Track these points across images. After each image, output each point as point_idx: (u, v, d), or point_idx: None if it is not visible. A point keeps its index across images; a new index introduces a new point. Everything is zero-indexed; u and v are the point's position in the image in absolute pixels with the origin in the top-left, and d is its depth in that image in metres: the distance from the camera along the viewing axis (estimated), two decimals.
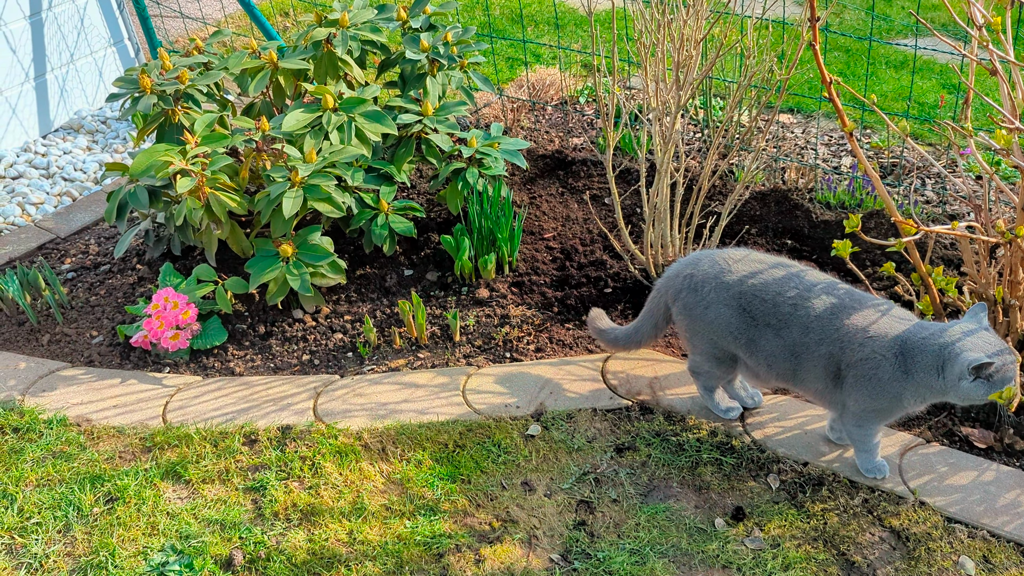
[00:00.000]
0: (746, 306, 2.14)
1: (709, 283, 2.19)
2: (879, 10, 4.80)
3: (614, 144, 2.80)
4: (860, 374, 2.00)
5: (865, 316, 2.02)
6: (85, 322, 2.97)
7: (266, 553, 2.09)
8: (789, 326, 2.08)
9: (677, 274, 2.28)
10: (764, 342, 2.13)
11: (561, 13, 5.07)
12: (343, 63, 3.03)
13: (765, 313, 2.11)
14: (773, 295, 2.11)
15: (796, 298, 2.08)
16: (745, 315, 2.14)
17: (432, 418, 2.44)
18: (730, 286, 2.16)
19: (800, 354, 2.08)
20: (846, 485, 2.17)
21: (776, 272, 2.15)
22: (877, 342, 1.98)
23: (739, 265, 2.19)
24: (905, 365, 1.95)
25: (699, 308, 2.20)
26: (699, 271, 2.22)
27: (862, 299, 2.06)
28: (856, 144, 2.26)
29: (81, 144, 4.04)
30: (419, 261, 3.09)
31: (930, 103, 3.85)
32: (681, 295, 2.24)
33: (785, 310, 2.09)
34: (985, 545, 2.01)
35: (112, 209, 2.88)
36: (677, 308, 2.26)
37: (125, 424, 2.51)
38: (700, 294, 2.20)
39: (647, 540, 2.07)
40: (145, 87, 2.90)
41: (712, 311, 2.18)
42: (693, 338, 2.27)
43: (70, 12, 4.15)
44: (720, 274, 2.19)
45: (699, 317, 2.21)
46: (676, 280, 2.27)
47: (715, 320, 2.18)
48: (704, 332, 2.22)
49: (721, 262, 2.21)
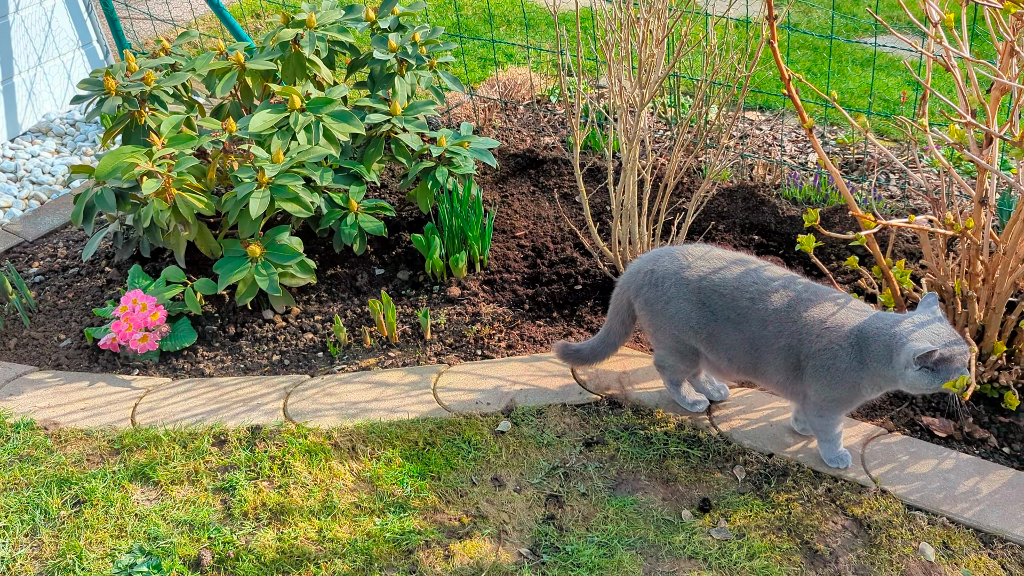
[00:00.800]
0: (705, 301, 2.17)
1: (669, 279, 2.22)
2: (846, 9, 4.86)
3: (582, 143, 2.82)
4: (818, 364, 2.04)
5: (822, 308, 2.05)
6: (53, 325, 2.95)
7: (235, 553, 2.09)
8: (748, 320, 2.12)
9: (638, 270, 2.30)
10: (724, 336, 2.16)
11: (532, 13, 5.09)
12: (311, 64, 3.03)
13: (724, 307, 2.14)
14: (731, 290, 2.14)
15: (754, 292, 2.11)
16: (705, 310, 2.17)
17: (402, 416, 2.45)
18: (690, 281, 2.20)
19: (759, 347, 2.11)
20: (810, 475, 2.20)
21: (734, 267, 2.18)
22: (834, 333, 2.02)
23: (698, 261, 2.22)
24: (860, 355, 1.99)
25: (660, 303, 2.23)
26: (659, 267, 2.25)
27: (819, 292, 2.10)
28: (816, 140, 2.29)
29: (49, 147, 4.01)
30: (390, 260, 3.10)
31: (894, 100, 3.91)
32: (643, 291, 2.27)
33: (743, 304, 2.12)
34: (945, 532, 2.05)
35: (79, 211, 2.86)
36: (639, 304, 2.29)
37: (93, 427, 2.50)
38: (661, 289, 2.23)
39: (615, 533, 2.10)
40: (110, 89, 2.88)
41: (672, 306, 2.21)
42: (656, 333, 2.30)
43: (37, 15, 4.12)
44: (680, 270, 2.22)
45: (660, 312, 2.24)
46: (637, 276, 2.29)
47: (676, 315, 2.21)
48: (666, 327, 2.25)
49: (681, 258, 2.24)
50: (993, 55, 2.16)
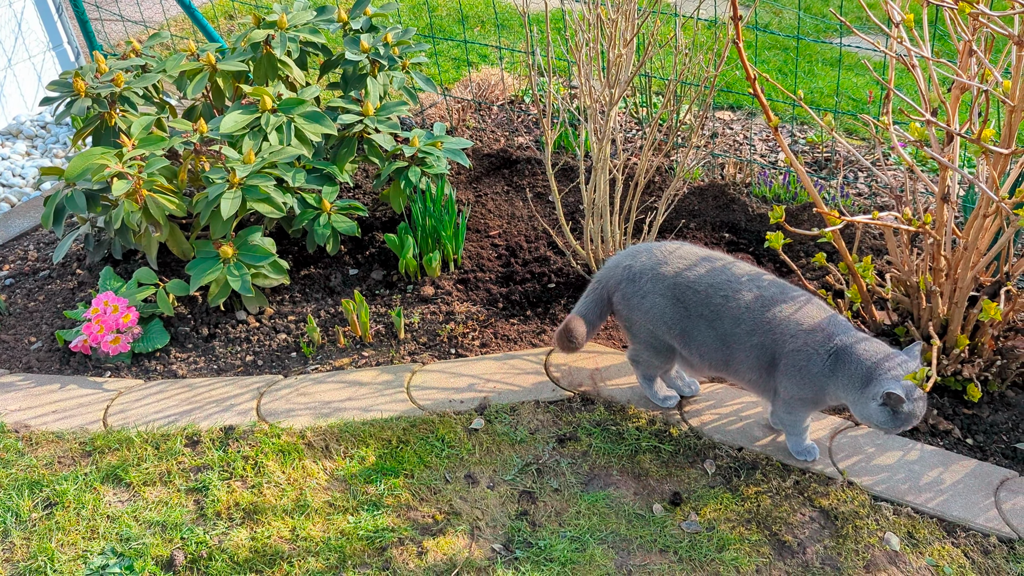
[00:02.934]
0: (680, 296, 2.20)
1: (646, 274, 2.25)
2: (816, 10, 4.92)
3: (554, 143, 2.84)
4: (791, 364, 2.07)
5: (796, 308, 2.09)
6: (23, 328, 2.93)
7: (208, 552, 2.09)
8: (721, 317, 2.14)
9: (617, 264, 2.33)
10: (697, 333, 2.19)
11: (505, 14, 5.11)
12: (283, 64, 3.03)
13: (698, 304, 2.17)
14: (706, 287, 2.17)
15: (727, 290, 2.14)
16: (679, 305, 2.20)
17: (376, 415, 2.46)
18: (665, 277, 2.22)
19: (732, 344, 2.14)
20: (779, 468, 2.24)
21: (709, 264, 2.21)
22: (811, 337, 2.05)
23: (674, 257, 2.25)
24: (834, 367, 2.02)
25: (636, 298, 2.26)
26: (637, 263, 2.28)
27: (790, 292, 2.13)
28: (782, 139, 2.33)
29: (20, 149, 3.98)
30: (364, 260, 3.10)
31: (862, 99, 3.97)
32: (621, 286, 2.30)
33: (716, 301, 2.15)
34: (910, 522, 2.09)
35: (49, 214, 2.85)
36: (617, 298, 2.32)
37: (64, 429, 2.49)
38: (638, 284, 2.26)
39: (587, 527, 2.12)
40: (79, 90, 2.87)
41: (648, 301, 2.24)
42: (632, 328, 2.33)
43: (7, 16, 4.08)
44: (656, 265, 2.25)
45: (636, 307, 2.27)
46: (616, 271, 2.32)
47: (651, 310, 2.24)
48: (641, 322, 2.28)
49: (658, 254, 2.27)
50: (954, 55, 2.20)
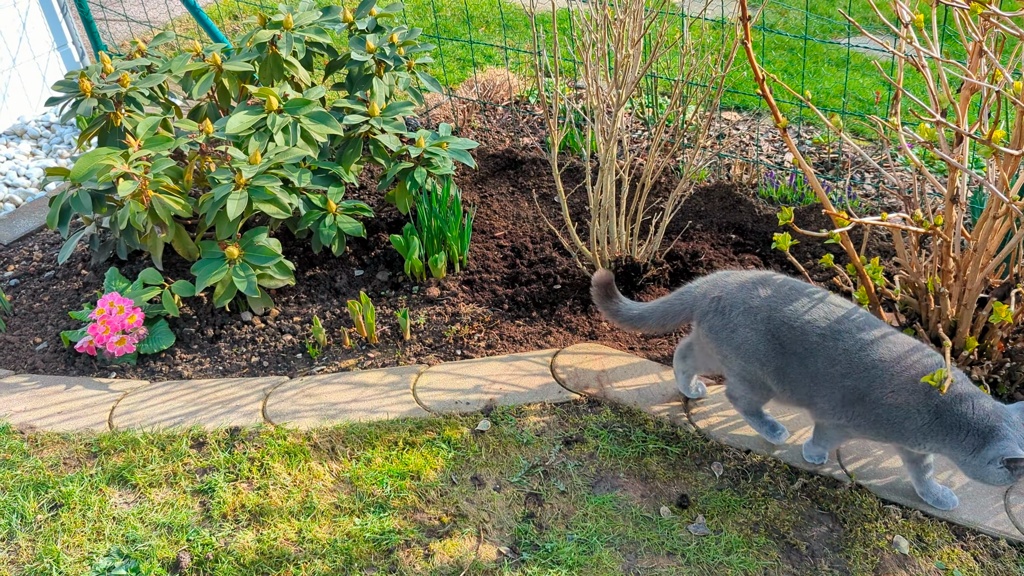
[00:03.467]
0: (775, 332, 2.08)
1: (736, 307, 2.13)
2: (822, 10, 4.91)
3: (560, 143, 2.84)
4: (886, 417, 1.98)
5: (899, 357, 1.98)
6: (29, 329, 2.93)
7: (214, 555, 2.08)
8: (814, 355, 2.03)
9: (704, 295, 2.21)
10: (790, 369, 2.08)
11: (511, 14, 5.11)
12: (288, 65, 3.03)
13: (792, 340, 2.06)
14: (801, 323, 2.05)
15: (825, 328, 2.03)
16: (774, 341, 2.08)
17: (382, 417, 2.45)
18: (758, 311, 2.10)
19: (821, 383, 2.04)
20: (786, 471, 2.23)
21: (804, 298, 2.09)
22: (913, 395, 1.95)
23: (766, 289, 2.12)
24: (938, 426, 1.94)
25: (726, 332, 2.15)
26: (727, 294, 2.16)
27: (888, 333, 2.02)
28: (790, 139, 2.32)
29: (24, 150, 3.97)
30: (370, 261, 3.10)
31: (869, 99, 3.95)
32: (707, 317, 2.18)
33: (812, 339, 2.03)
34: (919, 525, 2.08)
35: (54, 214, 2.84)
36: (703, 330, 2.21)
37: (70, 430, 2.48)
38: (727, 318, 2.14)
39: (594, 530, 2.11)
40: (85, 91, 2.87)
41: (739, 335, 2.12)
42: (724, 362, 2.21)
43: (11, 16, 4.08)
44: (748, 299, 2.13)
45: (726, 341, 2.16)
46: (703, 301, 2.21)
47: (742, 345, 2.12)
48: (733, 356, 2.17)
49: (749, 285, 2.15)
50: (963, 55, 2.19)
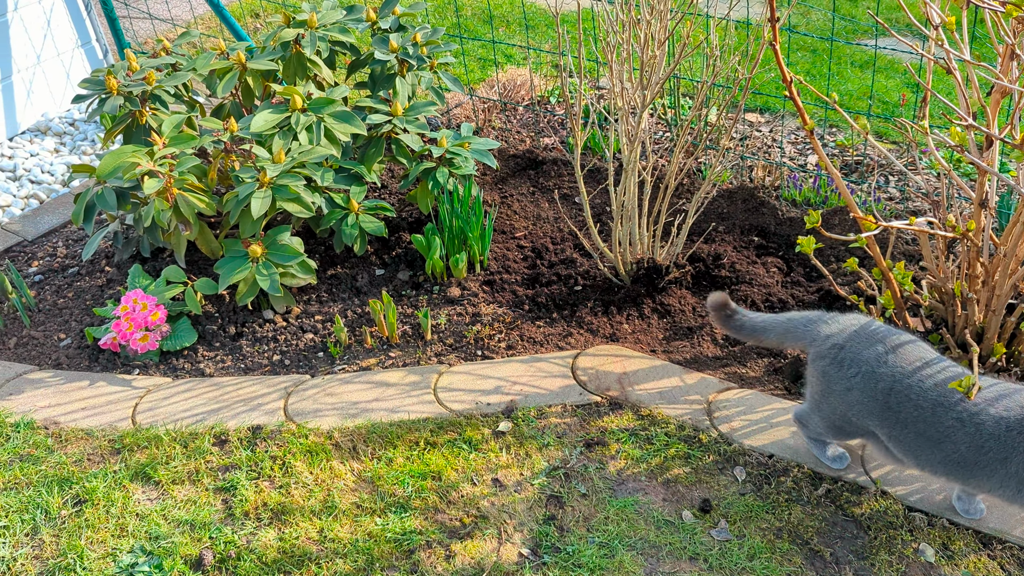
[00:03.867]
0: (895, 407, 1.95)
1: (856, 367, 1.99)
2: (845, 11, 4.87)
3: (582, 144, 2.83)
4: None
5: None
6: (53, 325, 2.95)
7: (236, 552, 2.09)
8: (953, 440, 1.89)
9: (826, 337, 2.08)
10: (916, 447, 1.96)
11: (532, 14, 5.10)
12: (312, 64, 3.03)
13: (919, 420, 1.92)
14: (932, 404, 1.90)
15: (962, 411, 1.87)
16: (891, 414, 1.96)
17: (403, 416, 2.46)
18: (880, 379, 1.95)
19: (971, 467, 1.90)
20: (810, 476, 2.21)
21: (937, 375, 1.93)
22: None
23: (892, 356, 1.96)
24: None
25: (839, 384, 2.03)
26: (850, 347, 2.02)
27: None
28: (817, 142, 2.30)
29: (48, 146, 4.01)
30: (391, 260, 3.10)
31: (894, 102, 3.92)
32: (822, 362, 2.07)
33: (948, 423, 1.89)
34: (944, 533, 2.06)
35: (79, 211, 2.86)
36: (815, 369, 2.10)
37: (94, 426, 2.50)
38: (843, 372, 2.02)
39: (616, 533, 2.10)
40: (112, 88, 2.88)
41: (853, 396, 2.01)
42: (821, 402, 2.10)
43: (36, 13, 4.11)
44: (870, 361, 1.98)
45: (834, 391, 2.05)
46: (823, 343, 2.08)
47: (854, 405, 2.01)
48: (836, 406, 2.06)
49: (874, 344, 2.00)
50: (993, 58, 2.17)
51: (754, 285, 2.85)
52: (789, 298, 2.80)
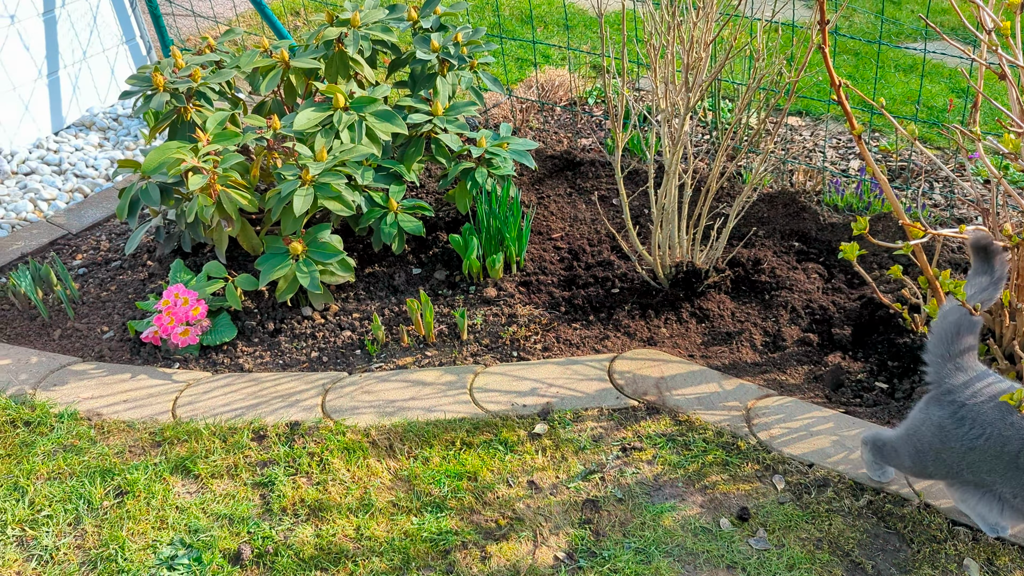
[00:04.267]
0: (1012, 477, 1.85)
1: (979, 429, 1.85)
2: (888, 13, 4.80)
3: (623, 145, 2.81)
4: None
5: None
6: (96, 317, 3.00)
7: (274, 548, 2.11)
8: None
9: (939, 381, 1.93)
10: None
11: (571, 14, 5.08)
12: (354, 62, 3.05)
13: None
14: None
15: None
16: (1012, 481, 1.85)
17: (439, 416, 2.46)
18: (1009, 440, 1.81)
19: None
20: (851, 487, 2.18)
21: None
22: None
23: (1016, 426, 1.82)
24: None
25: (952, 439, 1.88)
26: (971, 404, 1.87)
27: None
28: (864, 147, 2.26)
29: (93, 141, 4.07)
30: (427, 260, 3.11)
31: (939, 107, 3.85)
32: (936, 409, 1.92)
33: None
34: (989, 548, 2.02)
35: (124, 205, 2.90)
36: (925, 415, 1.95)
37: (135, 419, 2.54)
38: (961, 429, 1.87)
39: (652, 539, 2.09)
40: (158, 85, 2.92)
41: (967, 458, 1.88)
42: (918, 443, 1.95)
43: (83, 10, 4.18)
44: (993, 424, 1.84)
45: (942, 443, 1.91)
46: (939, 386, 1.93)
47: (971, 464, 1.89)
48: (940, 453, 1.92)
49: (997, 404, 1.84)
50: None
51: (794, 291, 2.82)
52: (830, 305, 2.76)
